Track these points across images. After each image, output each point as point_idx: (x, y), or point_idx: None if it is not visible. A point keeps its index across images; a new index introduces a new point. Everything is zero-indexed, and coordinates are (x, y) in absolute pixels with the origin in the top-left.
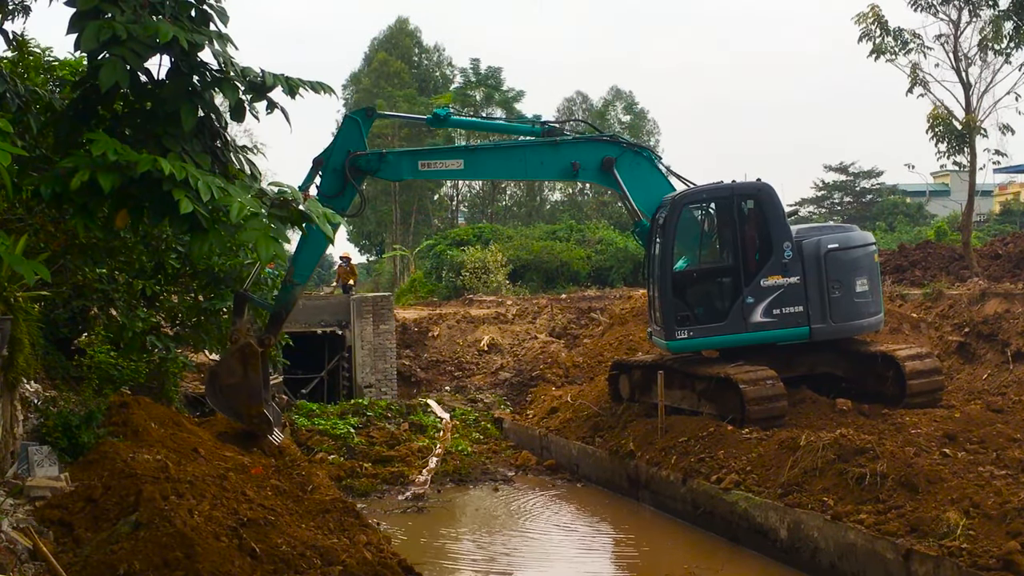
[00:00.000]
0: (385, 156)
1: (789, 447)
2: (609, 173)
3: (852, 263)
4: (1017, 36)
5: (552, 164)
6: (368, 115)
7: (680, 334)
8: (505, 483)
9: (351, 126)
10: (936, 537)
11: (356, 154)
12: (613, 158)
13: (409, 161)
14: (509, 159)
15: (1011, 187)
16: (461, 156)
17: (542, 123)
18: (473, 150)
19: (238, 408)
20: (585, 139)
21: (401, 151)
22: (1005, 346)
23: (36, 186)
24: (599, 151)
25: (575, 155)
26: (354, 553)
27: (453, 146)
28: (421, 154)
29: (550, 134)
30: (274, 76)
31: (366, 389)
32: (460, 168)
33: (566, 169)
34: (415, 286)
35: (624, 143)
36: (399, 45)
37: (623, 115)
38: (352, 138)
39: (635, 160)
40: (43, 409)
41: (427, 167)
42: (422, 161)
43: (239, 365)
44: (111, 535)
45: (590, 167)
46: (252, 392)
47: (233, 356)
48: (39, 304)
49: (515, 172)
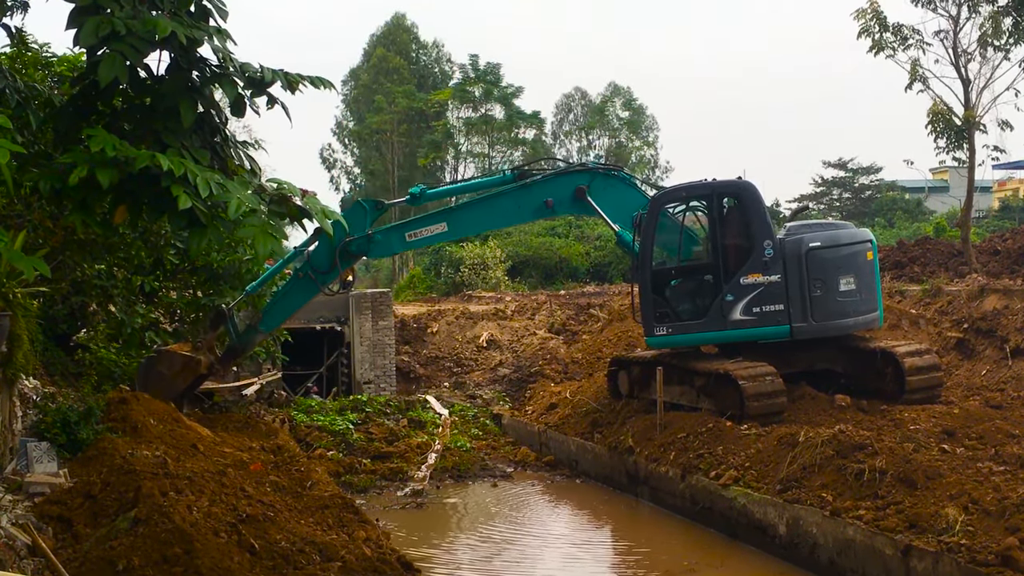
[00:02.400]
0: (372, 236)
1: (788, 443)
2: (583, 201)
3: (836, 261)
4: (1017, 32)
5: (527, 206)
6: (377, 207)
7: (659, 331)
8: (504, 479)
9: (358, 212)
10: (935, 533)
11: (348, 240)
12: (585, 186)
13: (396, 235)
14: (487, 211)
15: (1010, 183)
16: (444, 219)
17: (512, 170)
18: (454, 211)
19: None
20: (555, 174)
21: (387, 228)
22: (1004, 342)
23: (35, 182)
24: (570, 183)
25: (547, 192)
26: (353, 549)
27: (435, 211)
28: (406, 226)
29: (522, 177)
30: (273, 71)
31: (365, 385)
32: (445, 231)
33: (541, 208)
34: (414, 282)
35: (594, 167)
36: (397, 41)
37: (622, 111)
38: (357, 223)
39: (607, 182)
40: (42, 405)
41: (414, 237)
42: (408, 232)
43: (178, 367)
44: (110, 531)
45: (564, 200)
46: (166, 391)
47: (182, 357)
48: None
49: (496, 221)
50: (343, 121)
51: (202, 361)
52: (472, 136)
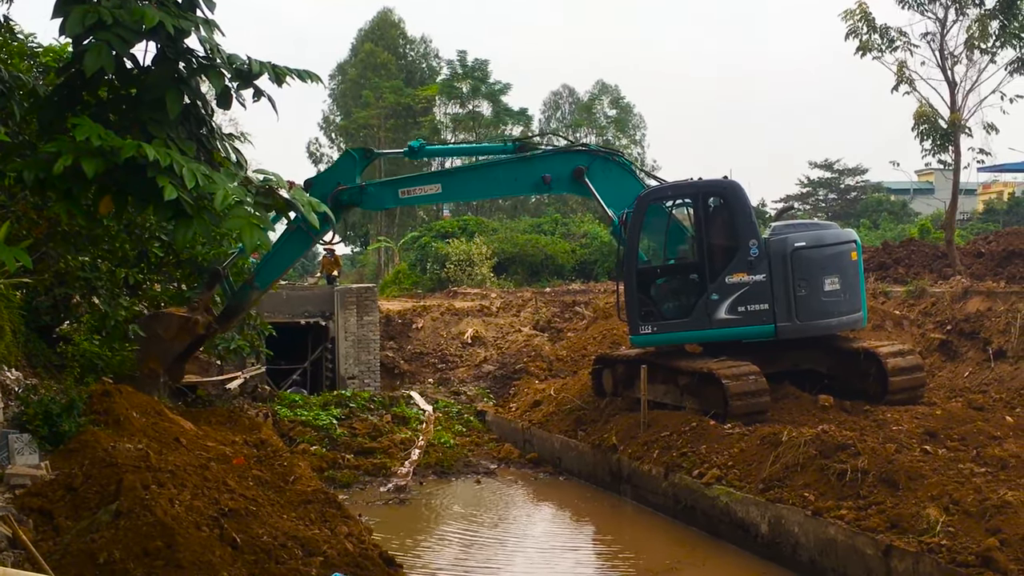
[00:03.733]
0: (366, 188)
1: (771, 442)
2: (580, 182)
3: (821, 261)
4: (1003, 35)
5: (525, 179)
6: (366, 155)
7: (644, 329)
8: (487, 476)
9: (347, 161)
10: (916, 533)
11: (339, 189)
12: (584, 167)
13: (390, 190)
14: (484, 178)
15: (995, 186)
16: (439, 180)
17: (513, 140)
18: (450, 173)
19: (145, 354)
20: (555, 151)
21: (381, 181)
22: (986, 344)
23: (19, 172)
24: (569, 162)
25: (546, 168)
26: (335, 544)
27: (431, 172)
28: (400, 182)
29: (522, 150)
30: (260, 64)
31: (349, 380)
32: (439, 192)
33: (538, 183)
34: (399, 278)
35: (594, 150)
36: (385, 36)
37: (609, 109)
38: (346, 172)
39: (606, 166)
40: (24, 397)
41: (407, 194)
42: (402, 189)
43: (175, 328)
44: (91, 524)
45: (562, 178)
46: (164, 354)
47: (179, 318)
48: (21, 291)
49: (491, 191)
50: (330, 115)
51: (199, 321)
52: (459, 132)
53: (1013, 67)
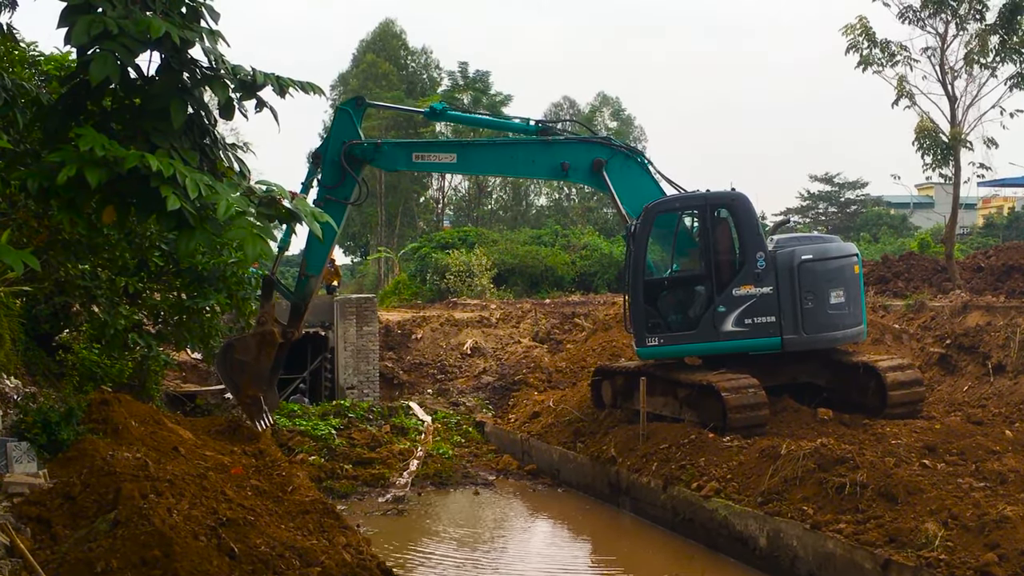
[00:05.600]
0: (380, 146)
1: (770, 455)
2: (599, 175)
3: (826, 274)
4: (1003, 50)
5: (543, 163)
6: (358, 104)
7: (650, 341)
8: (486, 487)
9: (343, 117)
10: (914, 547)
11: (352, 143)
12: (604, 160)
13: (404, 152)
14: (501, 156)
15: (995, 200)
16: (455, 150)
17: (537, 122)
18: (467, 145)
19: (239, 384)
20: (577, 140)
21: (396, 141)
22: (986, 358)
23: (23, 180)
24: (590, 153)
25: (566, 155)
26: (333, 555)
27: (448, 140)
28: (416, 146)
29: (544, 133)
30: (264, 75)
31: (348, 390)
32: (453, 162)
33: (556, 169)
34: (399, 288)
35: (616, 145)
36: (386, 47)
37: (610, 121)
38: (346, 128)
39: (626, 163)
40: (23, 405)
41: (421, 159)
42: (416, 153)
43: (255, 346)
44: (89, 533)
45: (581, 168)
46: (257, 375)
47: (253, 336)
48: (20, 300)
49: (506, 169)
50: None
51: (275, 331)
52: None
53: (1013, 82)
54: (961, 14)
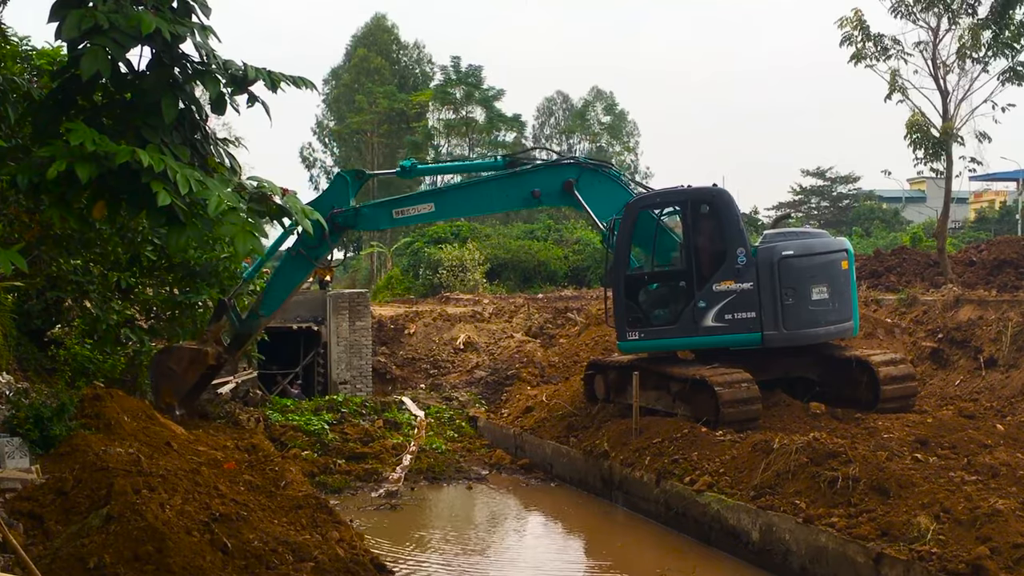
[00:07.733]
0: (360, 210)
1: (762, 450)
2: (571, 195)
3: (809, 270)
4: (995, 45)
5: (515, 194)
6: (358, 177)
7: (631, 335)
8: (479, 481)
9: (340, 183)
10: (906, 541)
11: (335, 212)
12: (573, 180)
13: (384, 211)
14: (475, 196)
15: (986, 195)
16: (431, 199)
17: (503, 156)
18: (442, 192)
19: (160, 388)
20: (545, 165)
21: (375, 203)
22: (978, 352)
23: (13, 175)
24: (559, 175)
25: (536, 183)
26: (326, 549)
27: (423, 191)
28: (394, 203)
29: (513, 165)
30: (256, 70)
31: (341, 385)
32: (432, 211)
33: (528, 197)
34: (392, 283)
35: (584, 163)
36: (378, 41)
37: (603, 116)
38: (339, 195)
39: (595, 178)
40: (15, 400)
41: (401, 214)
42: (395, 209)
43: (187, 361)
44: (82, 528)
45: (552, 192)
46: (178, 388)
47: (190, 351)
48: (12, 295)
49: (482, 207)
50: (324, 120)
51: (209, 352)
52: (452, 138)
53: (1005, 76)
54: (953, 8)
